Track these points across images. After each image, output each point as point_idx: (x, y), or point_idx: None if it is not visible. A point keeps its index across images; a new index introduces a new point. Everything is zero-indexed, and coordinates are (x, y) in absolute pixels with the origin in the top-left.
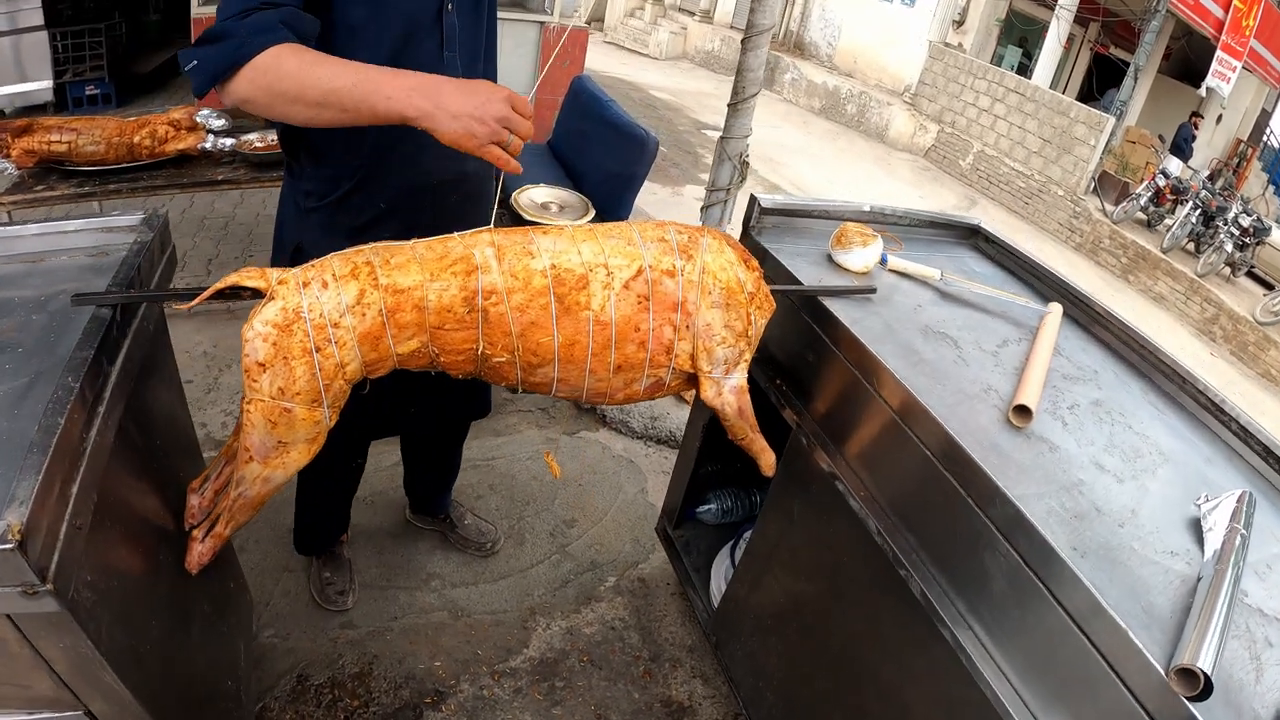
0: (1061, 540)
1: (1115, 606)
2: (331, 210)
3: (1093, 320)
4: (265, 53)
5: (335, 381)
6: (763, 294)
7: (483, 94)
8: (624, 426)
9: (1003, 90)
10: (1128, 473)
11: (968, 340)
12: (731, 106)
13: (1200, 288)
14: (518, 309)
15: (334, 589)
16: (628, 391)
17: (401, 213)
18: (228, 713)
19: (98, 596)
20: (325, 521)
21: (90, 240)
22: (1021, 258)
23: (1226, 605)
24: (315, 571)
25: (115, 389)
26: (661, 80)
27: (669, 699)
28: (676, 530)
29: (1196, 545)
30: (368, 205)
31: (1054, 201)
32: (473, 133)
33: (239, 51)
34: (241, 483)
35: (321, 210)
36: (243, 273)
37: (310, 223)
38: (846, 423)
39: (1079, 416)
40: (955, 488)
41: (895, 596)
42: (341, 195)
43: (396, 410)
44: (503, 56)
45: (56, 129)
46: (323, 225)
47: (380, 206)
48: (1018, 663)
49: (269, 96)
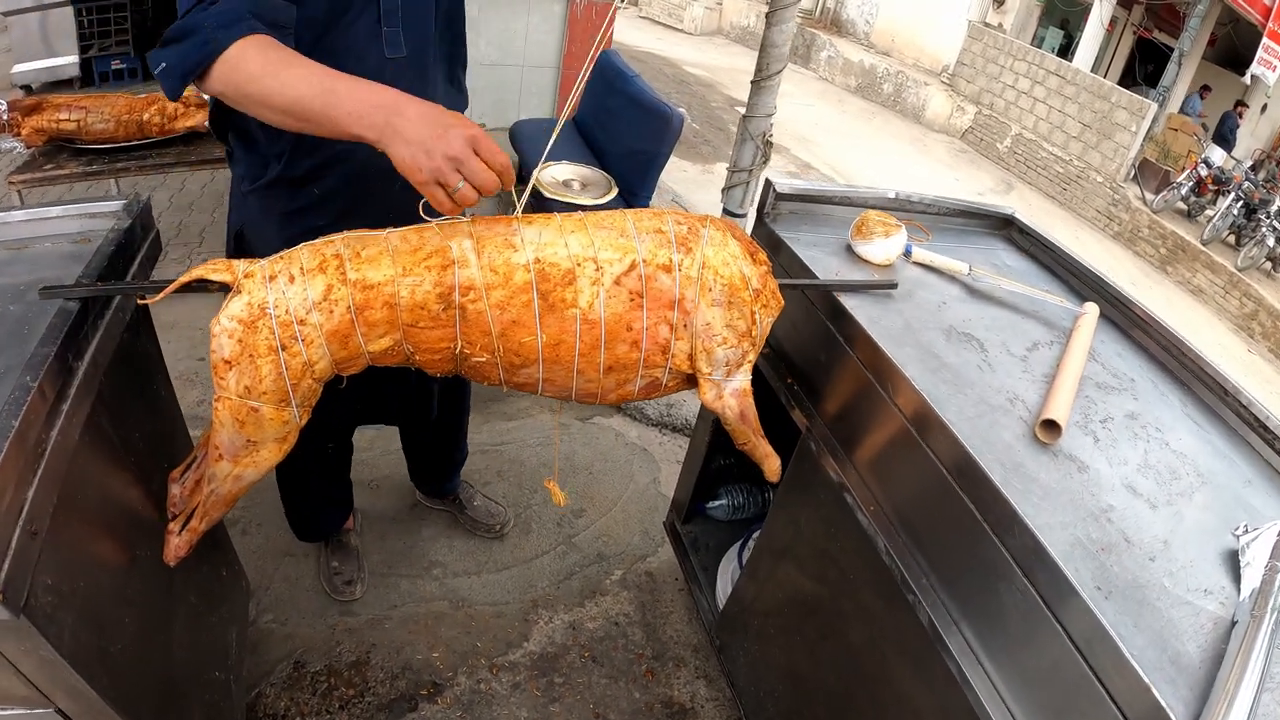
0: (1085, 577)
1: (1139, 656)
2: (263, 194)
3: (1131, 323)
4: (232, 47)
5: (303, 381)
6: (769, 291)
7: (442, 125)
8: (639, 413)
9: (1043, 73)
10: (1162, 497)
11: (995, 342)
12: (755, 83)
13: (1240, 282)
14: (498, 306)
15: (341, 578)
16: (620, 392)
17: (337, 199)
18: (214, 705)
19: (59, 599)
20: (317, 508)
21: (75, 226)
22: (1057, 252)
23: (1262, 658)
24: (324, 560)
25: (82, 384)
26: (695, 56)
27: (670, 700)
28: (685, 525)
29: (1233, 582)
30: (300, 190)
31: (1092, 188)
32: (419, 165)
33: (205, 49)
34: (213, 480)
35: (256, 193)
36: (208, 265)
37: (249, 205)
38: (859, 430)
39: (1112, 432)
40: (971, 511)
41: (901, 620)
42: (272, 179)
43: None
44: (529, 32)
45: (66, 107)
46: (260, 208)
47: (314, 192)
48: (1028, 708)
49: (239, 96)
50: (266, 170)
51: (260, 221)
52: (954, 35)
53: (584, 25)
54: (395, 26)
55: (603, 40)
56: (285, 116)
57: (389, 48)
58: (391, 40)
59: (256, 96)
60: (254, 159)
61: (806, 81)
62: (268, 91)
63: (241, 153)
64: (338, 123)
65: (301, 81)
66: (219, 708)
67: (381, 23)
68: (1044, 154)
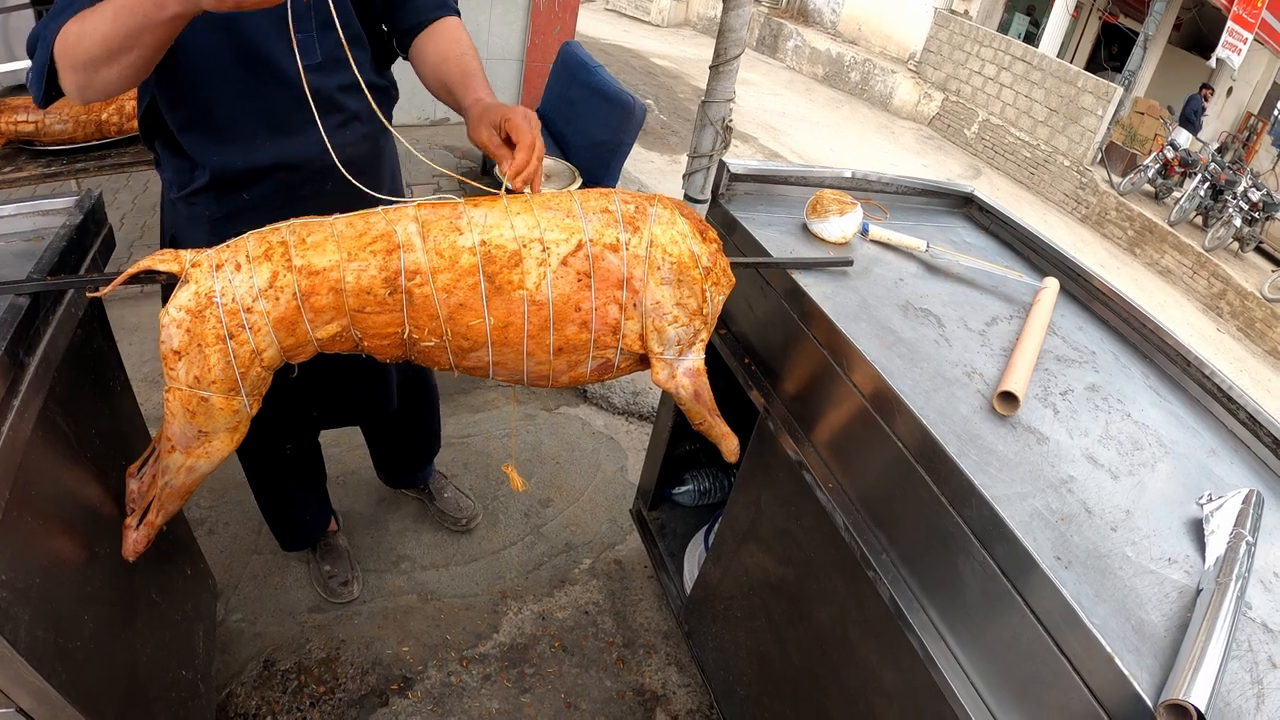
0: (1045, 548)
1: (1102, 625)
2: (191, 200)
3: (1092, 296)
4: (56, 38)
5: (251, 369)
6: (720, 269)
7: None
8: (605, 402)
9: (1009, 59)
10: (1124, 468)
11: (952, 318)
12: (713, 69)
13: (1208, 262)
14: (444, 290)
15: (336, 580)
16: (572, 374)
17: (270, 205)
18: (183, 702)
19: (14, 595)
20: (296, 516)
21: (27, 224)
22: (1017, 228)
23: (1227, 625)
24: (315, 566)
25: (34, 380)
26: (662, 48)
27: (642, 687)
28: (652, 512)
29: (1197, 551)
30: (227, 197)
31: (1060, 172)
32: None
33: (44, 50)
34: (166, 472)
35: (184, 200)
36: (156, 256)
37: (179, 212)
38: (815, 407)
39: (1072, 404)
40: (929, 484)
41: (863, 597)
42: (200, 186)
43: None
44: (492, 24)
45: (24, 109)
46: (188, 215)
47: (243, 198)
48: (991, 680)
49: (81, 74)
50: (194, 177)
51: (190, 228)
52: (921, 23)
53: (546, 17)
54: (308, 32)
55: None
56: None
57: (303, 54)
58: (305, 47)
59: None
60: (180, 165)
61: (774, 71)
62: (90, 46)
63: (167, 159)
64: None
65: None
66: (187, 706)
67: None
68: (1011, 139)
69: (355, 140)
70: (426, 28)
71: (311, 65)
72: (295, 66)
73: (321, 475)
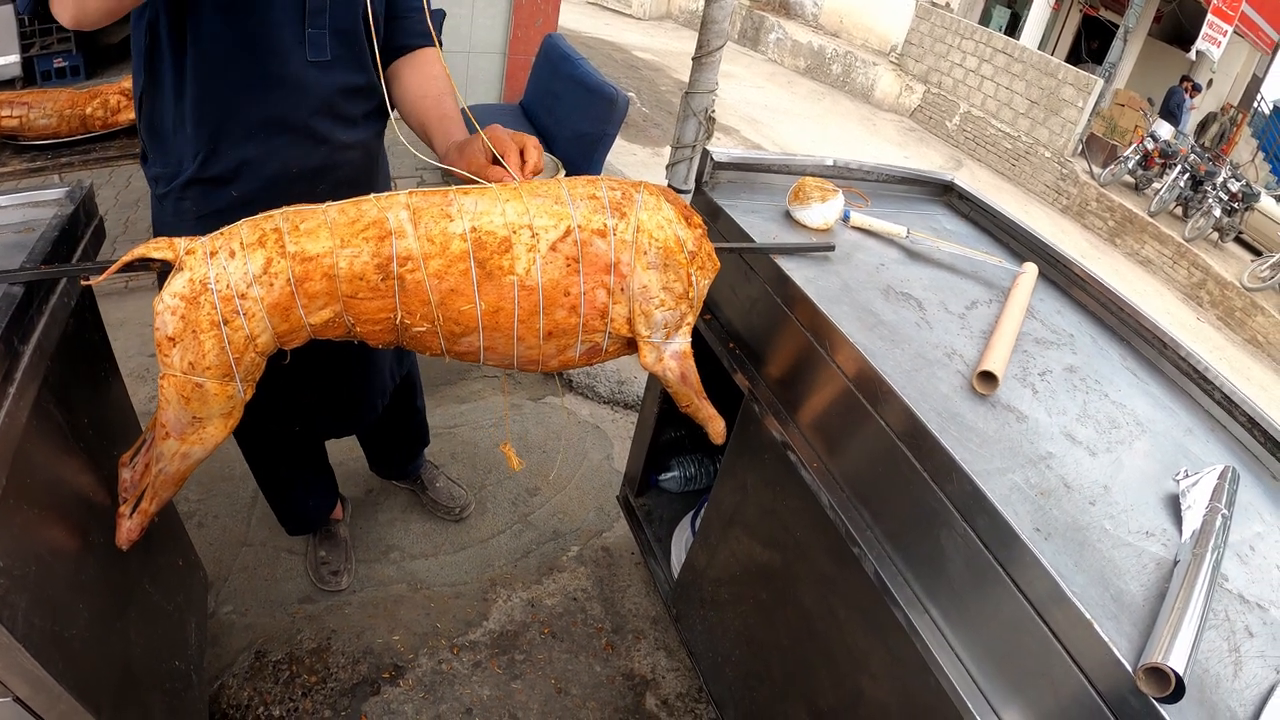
0: (1024, 520)
1: (1081, 594)
2: (178, 196)
3: (1070, 282)
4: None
5: (246, 355)
6: (705, 253)
7: None
8: (590, 391)
9: (990, 51)
10: (1101, 445)
11: (933, 301)
12: (696, 60)
13: (1187, 252)
14: (435, 275)
15: (328, 568)
16: (562, 359)
17: (258, 203)
18: (177, 694)
19: (11, 582)
20: (300, 498)
21: (18, 216)
22: (997, 215)
23: (1204, 594)
24: (311, 551)
25: (28, 369)
26: (644, 41)
27: (631, 672)
28: (638, 499)
29: (1174, 525)
30: (215, 193)
31: (1041, 163)
32: None
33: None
34: (160, 459)
35: (170, 196)
36: (150, 244)
37: (164, 209)
38: (799, 389)
39: (1051, 384)
40: (911, 461)
41: (849, 575)
42: (186, 180)
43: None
44: (474, 14)
45: (7, 104)
46: (174, 211)
47: (231, 194)
48: (976, 652)
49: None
50: (180, 171)
51: (175, 226)
52: (902, 15)
53: (529, 10)
54: (321, 29)
55: (531, 10)
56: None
57: (312, 50)
58: (315, 43)
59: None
60: (167, 159)
61: (756, 64)
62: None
63: (155, 152)
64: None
65: None
66: (181, 697)
67: (305, 24)
68: (992, 131)
69: (352, 144)
70: (407, 54)
71: (318, 62)
72: (302, 61)
73: (324, 458)
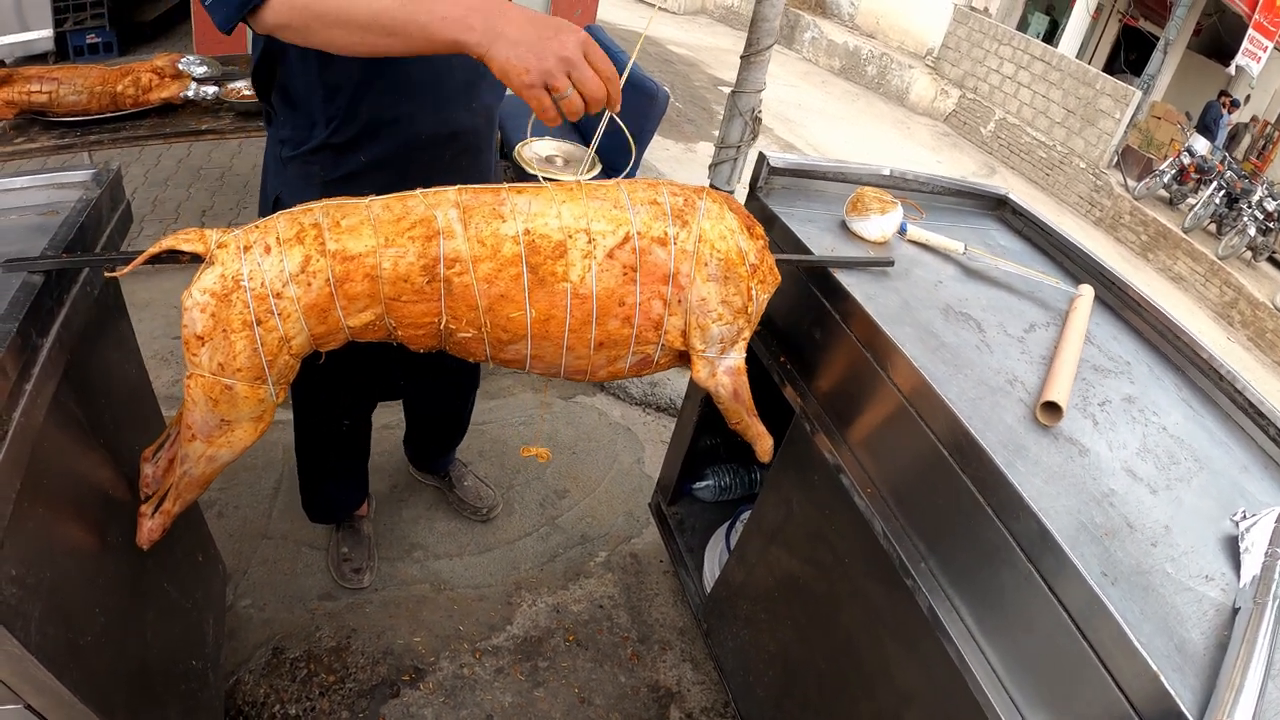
0: (1092, 564)
1: (1147, 644)
2: (306, 160)
3: (1124, 305)
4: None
5: (279, 357)
6: (767, 266)
7: (553, 27)
8: (622, 392)
9: (1027, 58)
10: (1161, 482)
11: (992, 323)
12: (744, 59)
13: (1220, 270)
14: (485, 280)
15: (350, 565)
16: (610, 369)
17: (386, 168)
18: (192, 694)
19: (24, 591)
20: (332, 488)
21: (42, 198)
22: (1051, 233)
23: (1267, 647)
24: (334, 545)
25: (47, 362)
26: (679, 35)
27: (656, 683)
28: (671, 507)
29: (1233, 568)
30: (345, 157)
31: (1075, 174)
32: (526, 65)
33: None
34: (185, 460)
35: (297, 160)
36: (179, 235)
37: (289, 173)
38: (855, 409)
39: (1110, 415)
40: (973, 493)
41: (899, 606)
42: (317, 145)
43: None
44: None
45: (37, 79)
46: (300, 176)
47: (360, 160)
48: (1032, 697)
49: (307, 19)
50: (311, 135)
51: (300, 190)
52: (939, 18)
53: (568, 1)
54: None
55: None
56: (365, 34)
57: None
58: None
59: (332, 15)
60: (298, 122)
61: (790, 62)
62: (344, 6)
63: (285, 115)
64: (430, 30)
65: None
66: (197, 697)
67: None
68: (1027, 139)
69: (482, 110)
70: None
71: None
72: None
73: (366, 451)
